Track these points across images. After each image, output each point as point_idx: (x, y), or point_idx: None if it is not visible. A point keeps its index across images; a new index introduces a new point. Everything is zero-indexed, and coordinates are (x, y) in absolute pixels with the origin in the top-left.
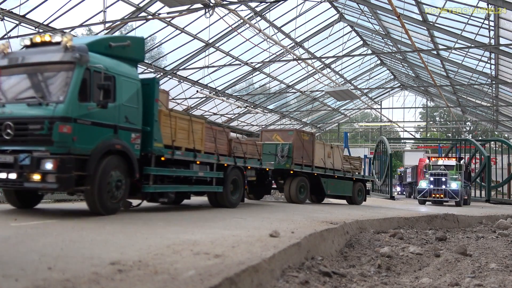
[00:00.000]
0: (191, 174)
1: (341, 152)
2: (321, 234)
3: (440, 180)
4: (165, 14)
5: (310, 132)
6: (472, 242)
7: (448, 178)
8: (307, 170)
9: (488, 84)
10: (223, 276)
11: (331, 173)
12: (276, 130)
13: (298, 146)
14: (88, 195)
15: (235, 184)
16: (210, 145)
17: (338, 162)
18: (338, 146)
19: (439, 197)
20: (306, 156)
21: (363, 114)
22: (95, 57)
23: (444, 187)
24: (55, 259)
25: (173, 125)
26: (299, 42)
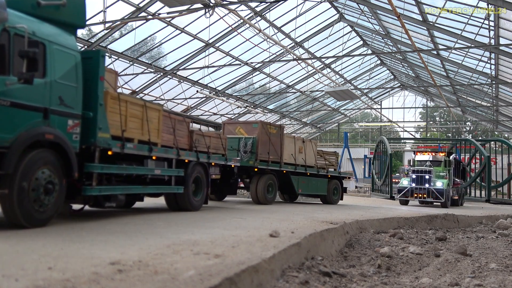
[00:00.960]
0: (146, 172)
1: (315, 146)
2: (321, 234)
3: (423, 178)
4: (165, 14)
5: (278, 124)
6: (472, 242)
7: (432, 176)
8: (275, 167)
9: (488, 84)
10: (223, 276)
11: (302, 170)
12: (239, 122)
13: (264, 140)
14: (5, 201)
15: (197, 184)
16: (168, 137)
17: (311, 158)
18: (311, 141)
19: (422, 197)
20: (274, 151)
21: (363, 114)
22: (16, 16)
23: (428, 185)
24: (55, 259)
25: (123, 111)
26: (299, 42)
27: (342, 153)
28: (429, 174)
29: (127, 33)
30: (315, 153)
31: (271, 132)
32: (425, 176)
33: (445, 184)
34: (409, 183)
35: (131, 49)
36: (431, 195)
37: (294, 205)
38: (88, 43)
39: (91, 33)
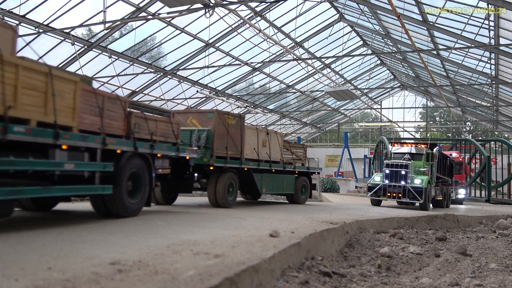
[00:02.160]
0: (50, 167)
1: (280, 139)
2: (321, 234)
3: (399, 173)
4: (165, 14)
5: (237, 114)
6: (472, 242)
7: (409, 171)
8: (234, 164)
9: (488, 84)
10: (223, 276)
11: (266, 166)
12: (191, 111)
13: (221, 132)
14: None
15: (135, 181)
16: (93, 119)
17: (276, 152)
18: (277, 132)
19: (397, 196)
20: (233, 145)
21: (363, 114)
22: None
23: (404, 183)
24: (55, 259)
25: (11, 79)
26: (299, 42)
27: (342, 153)
28: (405, 169)
29: (127, 33)
30: (281, 146)
31: (229, 123)
32: (401, 171)
33: (424, 181)
34: (382, 180)
35: (131, 49)
36: (408, 195)
37: (294, 205)
38: (88, 43)
39: (91, 33)
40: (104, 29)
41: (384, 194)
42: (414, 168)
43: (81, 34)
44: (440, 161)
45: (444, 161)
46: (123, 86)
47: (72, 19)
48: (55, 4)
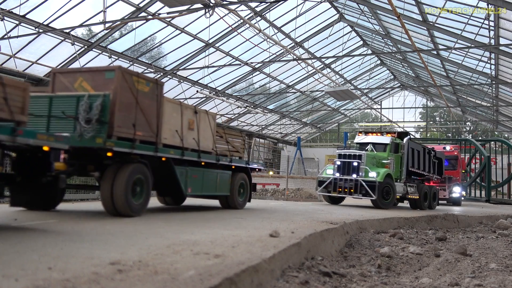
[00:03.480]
0: None
1: (213, 122)
2: (321, 234)
3: (350, 165)
4: (165, 14)
5: (152, 78)
6: (472, 242)
7: (363, 162)
8: (146, 150)
9: (488, 84)
10: (223, 276)
11: (194, 156)
12: (81, 70)
13: (127, 102)
14: None
15: None
16: None
17: (207, 138)
18: (208, 113)
19: (348, 191)
20: (144, 123)
21: (363, 114)
22: None
23: (355, 176)
24: (55, 259)
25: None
26: (299, 42)
27: None
28: (357, 160)
29: (127, 33)
30: (213, 132)
31: (139, 89)
32: (353, 162)
33: (381, 175)
34: (333, 173)
35: (131, 49)
36: (360, 190)
37: (295, 204)
38: (88, 43)
39: (91, 33)
40: (104, 29)
41: (335, 189)
42: (372, 159)
43: (81, 34)
44: (416, 154)
45: (426, 154)
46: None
47: (72, 19)
48: (55, 4)
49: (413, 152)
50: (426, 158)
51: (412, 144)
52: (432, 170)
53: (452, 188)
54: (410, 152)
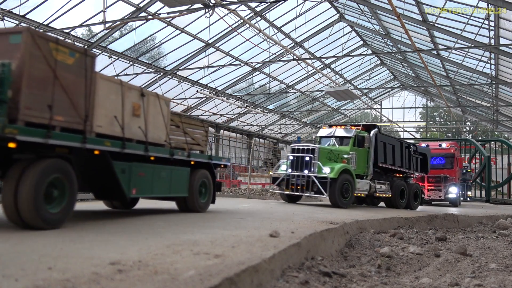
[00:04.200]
0: None
1: (166, 108)
2: (321, 234)
3: (303, 160)
4: (165, 14)
5: (79, 47)
6: (472, 242)
7: (316, 157)
8: (70, 141)
9: (488, 84)
10: (223, 276)
11: (139, 149)
12: None
13: (39, 76)
14: None
15: None
16: None
17: (158, 128)
18: (160, 97)
19: (300, 188)
20: (68, 105)
21: (363, 114)
22: None
23: (307, 172)
24: (55, 259)
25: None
26: (299, 42)
27: None
28: (309, 155)
29: (127, 33)
30: (166, 120)
31: (60, 60)
32: (305, 157)
33: (335, 170)
34: (286, 169)
35: (131, 49)
36: (312, 187)
37: (295, 205)
38: (88, 43)
39: (91, 33)
40: (104, 29)
41: (287, 186)
42: (329, 154)
43: (81, 34)
44: (389, 148)
45: (403, 149)
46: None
47: (72, 19)
48: (55, 4)
49: (384, 146)
50: (405, 153)
51: (382, 138)
52: (413, 167)
53: (448, 188)
54: (381, 146)
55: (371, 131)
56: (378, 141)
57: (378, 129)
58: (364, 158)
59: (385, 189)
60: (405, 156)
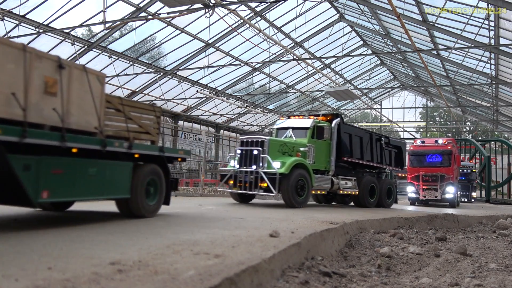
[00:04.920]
0: None
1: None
2: (321, 234)
3: (252, 154)
4: (165, 14)
5: None
6: (472, 242)
7: (265, 150)
8: None
9: (488, 84)
10: (223, 276)
11: (52, 139)
12: None
13: None
14: None
15: None
16: None
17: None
18: (88, 70)
19: (249, 186)
20: None
21: (363, 114)
22: None
23: (255, 167)
24: (55, 259)
25: None
26: (299, 42)
27: None
28: (258, 148)
29: (127, 33)
30: (99, 101)
31: None
32: (254, 151)
33: (286, 165)
34: (234, 164)
35: (131, 49)
36: (260, 184)
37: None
38: (88, 43)
39: (91, 33)
40: (104, 29)
41: (235, 184)
42: (282, 147)
43: (81, 34)
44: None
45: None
46: (123, 86)
47: (72, 19)
48: (55, 4)
49: (350, 138)
50: (375, 146)
51: (347, 128)
52: (386, 161)
53: (445, 188)
54: (345, 138)
55: (333, 121)
56: (342, 132)
57: (341, 119)
58: (325, 151)
59: (351, 185)
60: (376, 149)
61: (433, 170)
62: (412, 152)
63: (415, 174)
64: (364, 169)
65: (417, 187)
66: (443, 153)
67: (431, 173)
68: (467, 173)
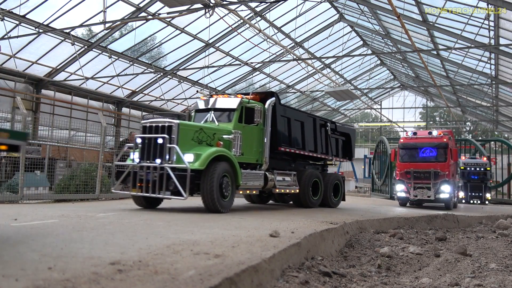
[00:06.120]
0: None
1: None
2: (321, 234)
3: (156, 144)
4: (165, 14)
5: None
6: (472, 242)
7: (172, 140)
8: None
9: (488, 84)
10: (223, 276)
11: None
12: None
13: None
14: None
15: None
16: None
17: None
18: None
19: (151, 187)
20: None
21: (363, 114)
22: None
23: (160, 161)
24: (55, 259)
25: None
26: (299, 42)
27: None
28: (165, 135)
29: (127, 33)
30: None
31: None
32: (158, 140)
33: (202, 158)
34: (133, 157)
35: (131, 49)
36: (167, 184)
37: (294, 205)
38: (88, 43)
39: (91, 33)
40: (104, 29)
41: (135, 184)
42: (198, 134)
43: (81, 34)
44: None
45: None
46: (123, 86)
47: (72, 19)
48: (55, 4)
49: (288, 123)
50: (320, 133)
51: (284, 111)
52: (332, 151)
53: (439, 187)
54: (283, 123)
55: (266, 101)
56: (278, 115)
57: (277, 98)
58: (257, 140)
59: (291, 182)
60: (321, 137)
61: (426, 166)
62: (402, 145)
63: (405, 170)
64: (306, 161)
65: (407, 186)
66: (438, 146)
67: (423, 169)
68: (481, 171)
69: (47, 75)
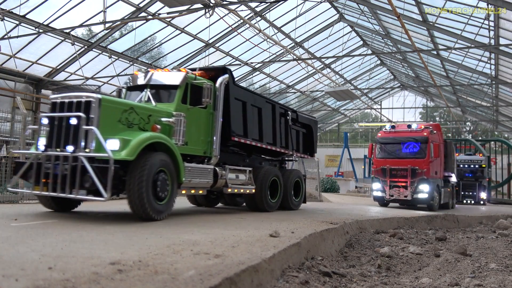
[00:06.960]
0: None
1: None
2: (321, 234)
3: (68, 126)
4: (165, 14)
5: None
6: (472, 242)
7: (90, 121)
8: None
9: (488, 84)
10: (223, 276)
11: None
12: None
13: None
14: None
15: None
16: None
17: None
18: None
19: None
20: None
21: (363, 114)
22: None
23: (73, 149)
24: (55, 259)
25: None
26: (299, 42)
27: (342, 153)
28: (79, 115)
29: (127, 33)
30: None
31: None
32: (70, 120)
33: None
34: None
35: (131, 49)
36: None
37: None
38: (88, 43)
39: (91, 33)
40: (104, 29)
41: (38, 179)
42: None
43: (81, 34)
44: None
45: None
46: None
47: (72, 19)
48: (55, 4)
49: (244, 108)
50: (279, 123)
51: (239, 93)
52: (292, 144)
53: (417, 186)
54: (237, 107)
55: (218, 79)
56: (232, 97)
57: (230, 76)
58: (205, 126)
59: (245, 180)
60: (280, 127)
61: (403, 163)
62: (380, 140)
63: (380, 167)
64: (263, 155)
65: (383, 184)
66: (416, 141)
67: (399, 167)
68: (475, 169)
69: (47, 75)
